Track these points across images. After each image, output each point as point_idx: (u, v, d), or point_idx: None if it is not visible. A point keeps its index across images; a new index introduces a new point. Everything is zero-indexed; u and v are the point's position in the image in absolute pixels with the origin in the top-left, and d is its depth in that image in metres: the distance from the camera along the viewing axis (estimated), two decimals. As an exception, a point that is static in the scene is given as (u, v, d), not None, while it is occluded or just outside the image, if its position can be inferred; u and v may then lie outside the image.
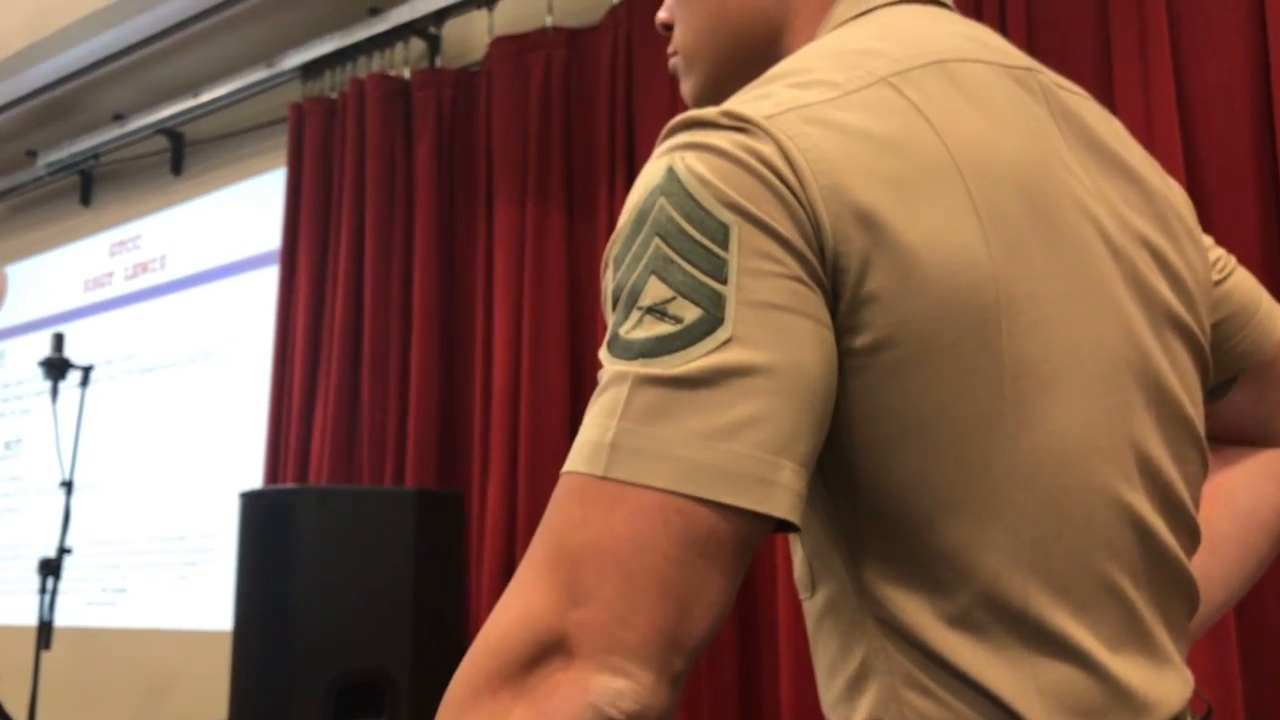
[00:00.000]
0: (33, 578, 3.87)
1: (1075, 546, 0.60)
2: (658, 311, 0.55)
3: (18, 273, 4.71)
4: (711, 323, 0.54)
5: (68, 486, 2.94)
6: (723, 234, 0.55)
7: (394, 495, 2.31)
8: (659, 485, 0.52)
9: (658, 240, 0.56)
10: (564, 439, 2.66)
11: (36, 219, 4.64)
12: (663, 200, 0.57)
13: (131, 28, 3.51)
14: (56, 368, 2.87)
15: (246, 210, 3.76)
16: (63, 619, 3.88)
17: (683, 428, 0.52)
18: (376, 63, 3.30)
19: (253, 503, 2.32)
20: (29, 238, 4.67)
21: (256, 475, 3.38)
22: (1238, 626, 1.79)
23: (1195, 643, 0.88)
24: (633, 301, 0.56)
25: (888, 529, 0.60)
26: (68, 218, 4.48)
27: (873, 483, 0.59)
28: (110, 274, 4.24)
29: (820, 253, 0.57)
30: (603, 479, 0.53)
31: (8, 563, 4.33)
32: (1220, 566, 0.82)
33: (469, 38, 3.20)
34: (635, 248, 0.57)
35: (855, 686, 0.63)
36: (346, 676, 2.22)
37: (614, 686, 0.50)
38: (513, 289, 2.78)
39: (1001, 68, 0.67)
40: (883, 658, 0.61)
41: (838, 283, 0.57)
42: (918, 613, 0.59)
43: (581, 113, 2.83)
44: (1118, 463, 0.62)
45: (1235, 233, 1.91)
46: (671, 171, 0.57)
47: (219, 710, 3.25)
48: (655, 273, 0.55)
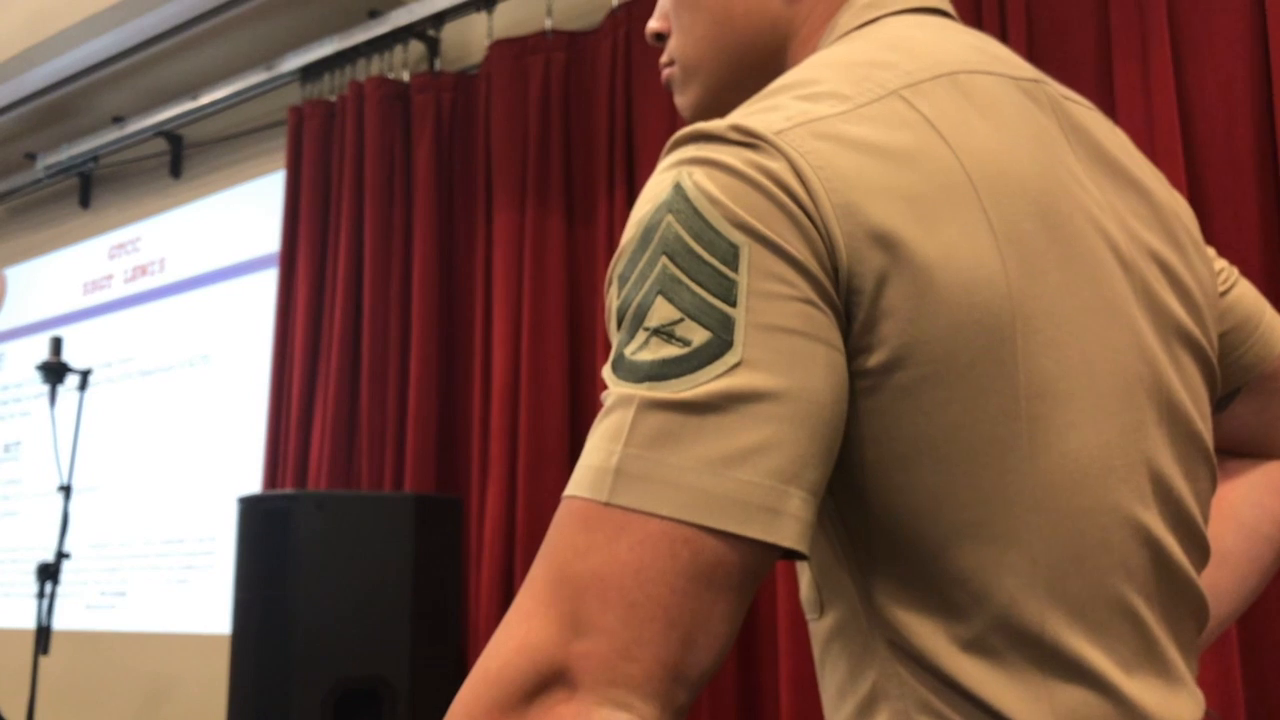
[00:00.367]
0: (32, 581, 3.87)
1: (1091, 568, 0.59)
2: (665, 333, 0.53)
3: (17, 275, 4.70)
4: (720, 346, 0.52)
5: (66, 491, 2.93)
6: (733, 255, 0.54)
7: (392, 500, 2.31)
8: (665, 513, 0.51)
9: (665, 259, 0.55)
10: (563, 444, 2.65)
11: (36, 221, 4.64)
12: (670, 218, 0.55)
13: (131, 30, 3.51)
14: (54, 372, 2.86)
15: (246, 213, 3.76)
16: (62, 622, 3.88)
17: (690, 454, 0.51)
18: (376, 66, 3.29)
19: (251, 508, 2.31)
20: (28, 240, 4.67)
21: (255, 478, 3.38)
22: (1239, 635, 1.78)
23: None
24: (639, 321, 0.55)
25: (900, 552, 0.59)
26: (67, 220, 4.47)
27: (885, 505, 0.58)
28: (109, 276, 4.23)
29: (834, 274, 0.55)
30: (607, 505, 0.51)
31: (7, 566, 4.33)
32: (1226, 581, 0.81)
33: (468, 41, 3.20)
34: (641, 265, 0.56)
35: (865, 711, 0.62)
36: (345, 683, 2.21)
37: None
38: (512, 292, 2.78)
39: (1010, 80, 0.66)
40: (895, 682, 0.60)
41: (852, 303, 0.56)
42: (931, 637, 0.58)
43: (581, 116, 2.82)
44: (1132, 482, 0.61)
45: (1236, 238, 1.90)
46: (679, 188, 0.56)
47: (218, 714, 3.24)
48: (662, 293, 0.54)
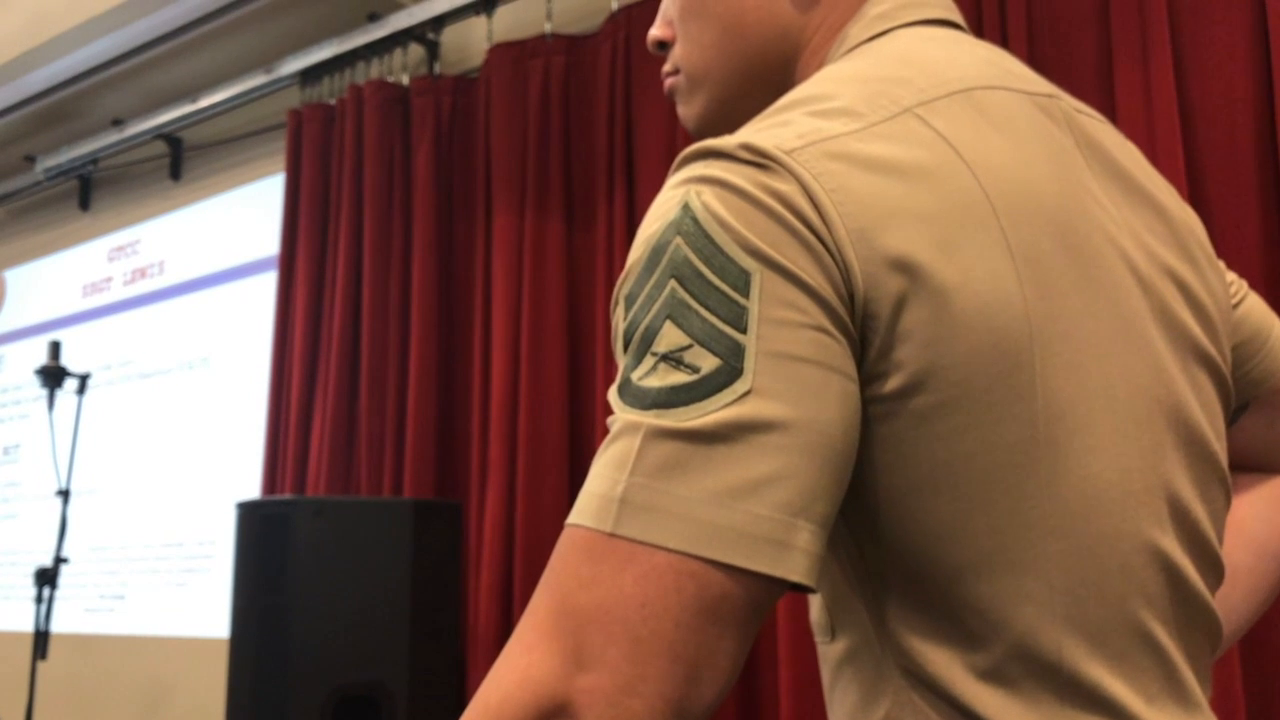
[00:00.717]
0: (31, 584, 3.86)
1: (1110, 595, 0.58)
2: (673, 359, 0.52)
3: (16, 278, 4.70)
4: (730, 374, 0.51)
5: (64, 496, 2.92)
6: (744, 281, 0.52)
7: (391, 506, 2.30)
8: (671, 546, 0.49)
9: (674, 283, 0.53)
10: (563, 448, 2.65)
11: (35, 224, 4.63)
12: (679, 240, 0.54)
13: (130, 33, 3.50)
14: (53, 376, 2.85)
15: (245, 216, 3.75)
16: (61, 625, 3.88)
17: (697, 485, 0.50)
18: (375, 69, 3.29)
19: (249, 513, 2.30)
20: (28, 242, 4.66)
21: (254, 482, 3.37)
22: (1241, 648, 1.77)
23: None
24: (646, 346, 0.54)
25: (915, 579, 0.58)
26: (66, 223, 4.47)
27: (900, 532, 0.57)
28: (109, 279, 4.23)
29: (849, 300, 0.54)
30: (611, 535, 0.50)
31: (6, 569, 4.32)
32: (1235, 597, 0.80)
33: (468, 44, 3.19)
34: (649, 288, 0.54)
35: None
36: (343, 689, 2.21)
37: None
38: (511, 296, 2.77)
39: (1025, 95, 0.65)
40: (910, 710, 0.59)
41: (867, 329, 0.55)
42: (947, 665, 0.57)
43: (580, 120, 2.82)
44: (1151, 506, 0.60)
45: (1237, 243, 1.90)
46: (687, 208, 0.55)
47: (217, 717, 3.24)
48: (671, 318, 0.53)
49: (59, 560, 2.82)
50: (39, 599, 2.81)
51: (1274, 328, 0.82)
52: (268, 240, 3.57)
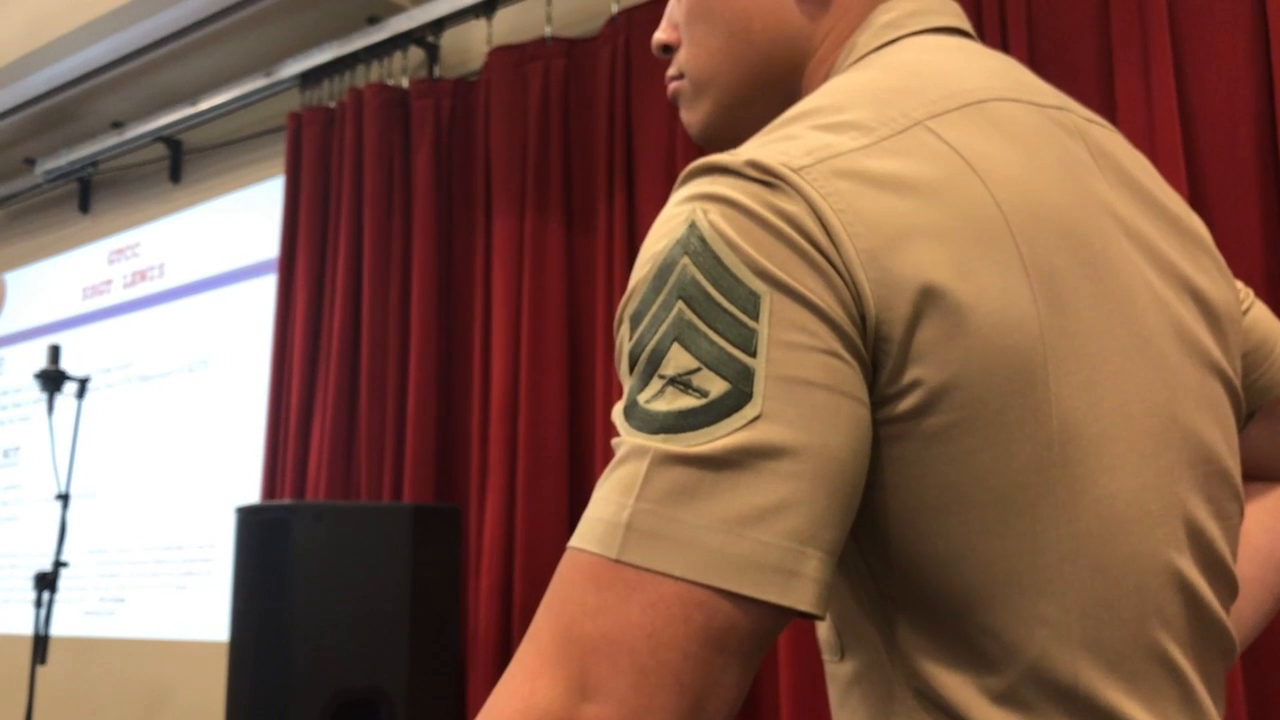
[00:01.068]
0: (30, 587, 3.86)
1: (1127, 617, 0.57)
2: (681, 383, 0.51)
3: (16, 280, 4.70)
4: (739, 398, 0.50)
5: (64, 500, 2.92)
6: (753, 303, 0.51)
7: (391, 511, 2.30)
8: (678, 574, 0.49)
9: (681, 304, 0.52)
10: (562, 452, 2.64)
11: (35, 226, 4.63)
12: (686, 260, 0.53)
13: (130, 36, 3.50)
14: (52, 380, 2.85)
15: (245, 218, 3.75)
16: (60, 629, 3.87)
17: (705, 512, 0.49)
18: (375, 72, 3.28)
19: (248, 518, 2.30)
20: (27, 245, 4.66)
21: (254, 484, 3.37)
22: (1242, 662, 1.77)
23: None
24: (653, 368, 0.53)
25: (927, 601, 0.57)
26: (66, 225, 4.47)
27: (912, 554, 0.56)
28: (109, 282, 4.23)
29: (860, 322, 0.53)
30: (617, 562, 0.49)
31: (6, 571, 4.32)
32: (1242, 608, 0.80)
33: (468, 47, 3.19)
34: (656, 309, 0.53)
35: None
36: (343, 694, 2.20)
37: None
38: (511, 300, 2.77)
39: (1037, 107, 0.64)
40: None
41: (880, 351, 0.54)
42: (960, 688, 0.56)
43: (580, 123, 2.81)
44: (1167, 526, 0.59)
45: (1238, 247, 1.89)
46: (694, 227, 0.53)
47: (216, 722, 3.24)
48: (679, 340, 0.52)
49: (58, 565, 2.81)
50: (38, 603, 2.81)
51: (1279, 338, 0.81)
52: (267, 243, 3.57)
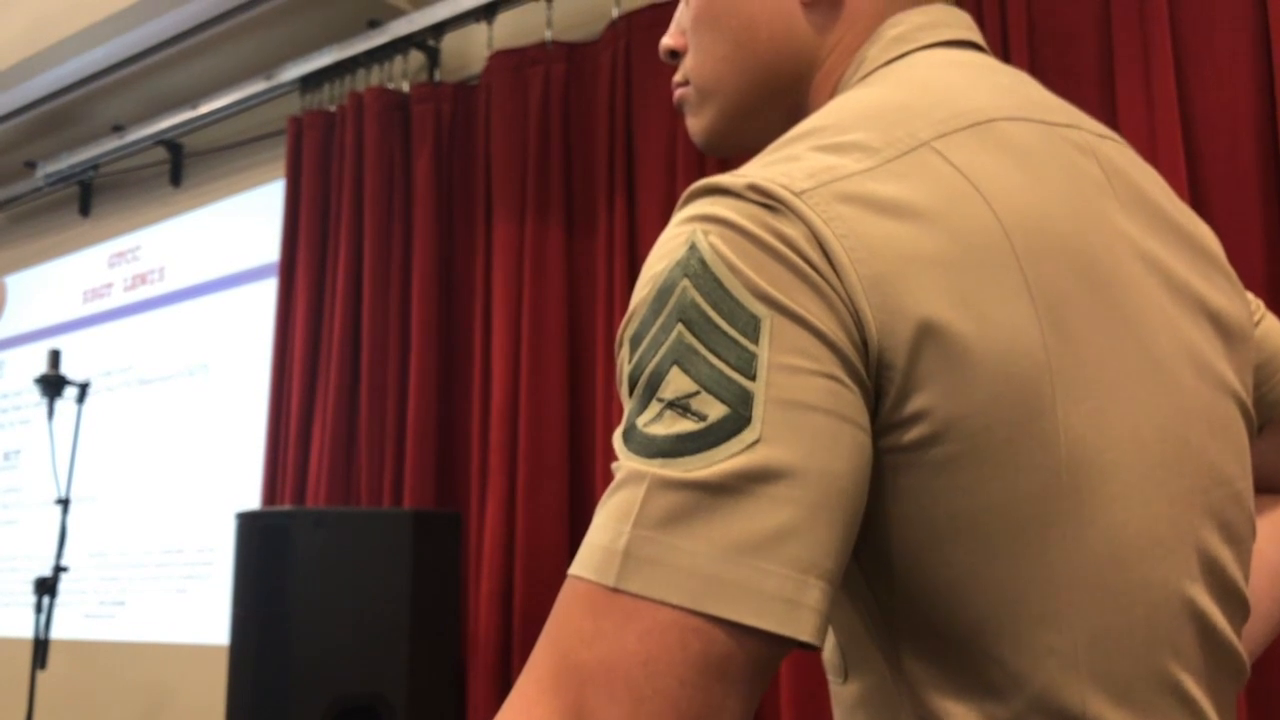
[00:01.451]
0: (31, 590, 3.86)
1: (1137, 647, 0.56)
2: (680, 406, 0.51)
3: (17, 283, 4.70)
4: (738, 422, 0.49)
5: (64, 504, 2.92)
6: (753, 326, 0.51)
7: (390, 517, 2.29)
8: (676, 602, 0.48)
9: (681, 327, 0.52)
10: (563, 458, 2.64)
11: (35, 229, 4.63)
12: (686, 283, 0.52)
13: (131, 39, 3.50)
14: (52, 385, 2.85)
15: (245, 222, 3.75)
16: (60, 632, 3.87)
17: (703, 538, 0.48)
18: (375, 76, 3.28)
19: (248, 524, 2.30)
20: (28, 248, 4.66)
21: (255, 488, 3.37)
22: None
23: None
24: (652, 391, 0.52)
25: (933, 629, 0.56)
26: (67, 228, 4.46)
27: (919, 583, 0.56)
28: (109, 285, 4.23)
29: (862, 348, 0.52)
30: (614, 590, 0.48)
31: (6, 575, 4.32)
32: (1252, 622, 0.79)
33: (468, 51, 3.19)
34: (655, 331, 0.53)
35: None
36: (342, 700, 2.20)
37: None
38: (511, 304, 2.77)
39: (1048, 126, 0.63)
40: None
41: (883, 379, 0.53)
42: (965, 716, 0.56)
43: (581, 127, 2.81)
44: (1180, 554, 0.58)
45: (1240, 252, 1.89)
46: (694, 249, 0.53)
47: (216, 726, 3.24)
48: (678, 363, 0.51)
49: (58, 569, 2.81)
50: (38, 608, 2.81)
51: None
52: (268, 247, 3.57)
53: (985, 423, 0.53)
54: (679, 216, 0.56)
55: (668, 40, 0.77)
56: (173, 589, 3.67)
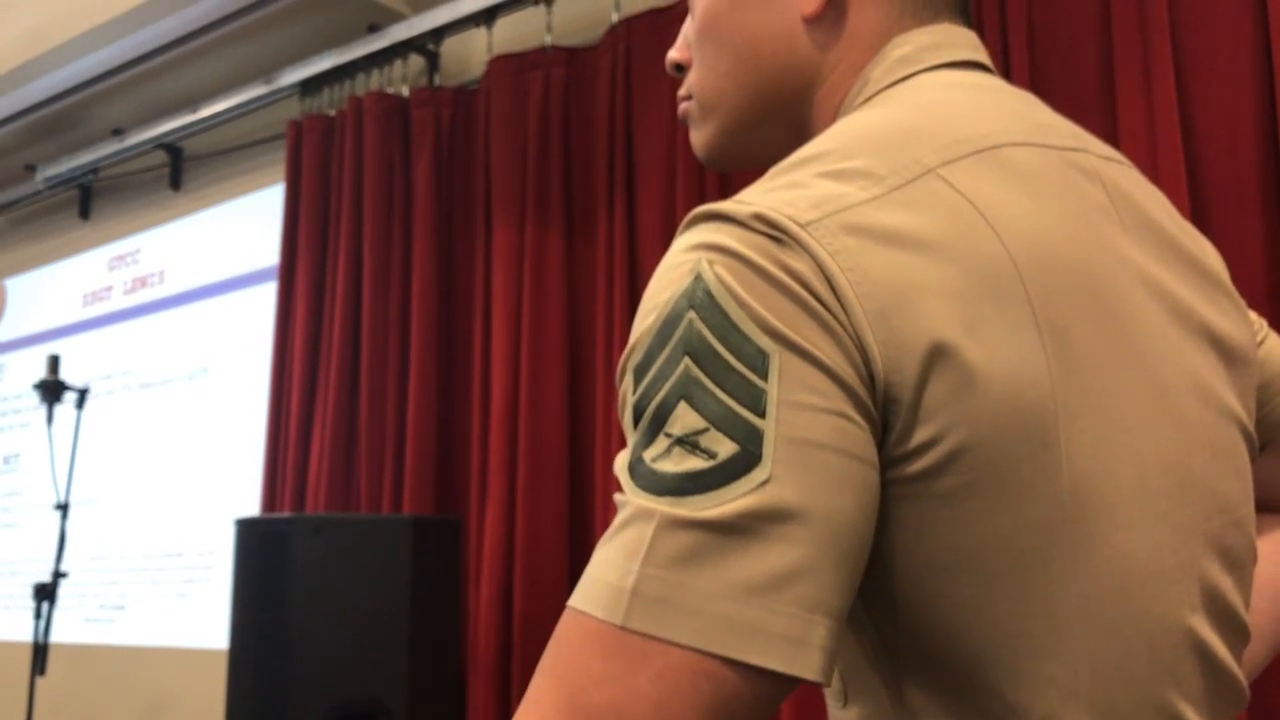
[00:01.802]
0: (31, 595, 3.86)
1: (1137, 678, 0.56)
2: (689, 443, 0.50)
3: (16, 286, 4.70)
4: (748, 460, 0.49)
5: (63, 510, 2.91)
6: (761, 361, 0.50)
7: (390, 523, 2.29)
8: (686, 643, 0.47)
9: (688, 360, 0.51)
10: (563, 463, 2.64)
11: (35, 233, 4.63)
12: (692, 314, 0.52)
13: (130, 43, 3.50)
14: (51, 390, 2.85)
15: (245, 226, 3.75)
16: (60, 635, 3.87)
17: (713, 579, 0.48)
18: (375, 80, 3.28)
19: (248, 531, 2.30)
20: (28, 251, 4.66)
21: (255, 492, 3.36)
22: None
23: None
24: (659, 425, 0.51)
25: (934, 660, 0.56)
26: (67, 232, 4.46)
27: (918, 614, 0.55)
28: (109, 288, 4.23)
29: (870, 383, 0.52)
30: (623, 629, 0.48)
31: (6, 578, 4.32)
32: (1253, 643, 0.79)
33: (468, 55, 3.19)
34: (661, 363, 0.52)
35: None
36: (342, 706, 2.20)
37: None
38: (511, 309, 2.76)
39: (1054, 150, 0.63)
40: None
41: (889, 413, 0.53)
42: None
43: (580, 132, 2.81)
44: (1182, 584, 0.58)
45: (1240, 259, 1.88)
46: (700, 279, 0.52)
47: (216, 731, 3.24)
48: (686, 398, 0.51)
49: (57, 575, 2.81)
50: (38, 614, 2.80)
51: None
52: (267, 251, 3.57)
53: (989, 455, 0.53)
54: (682, 243, 0.56)
55: (674, 54, 0.77)
56: (172, 593, 3.67)
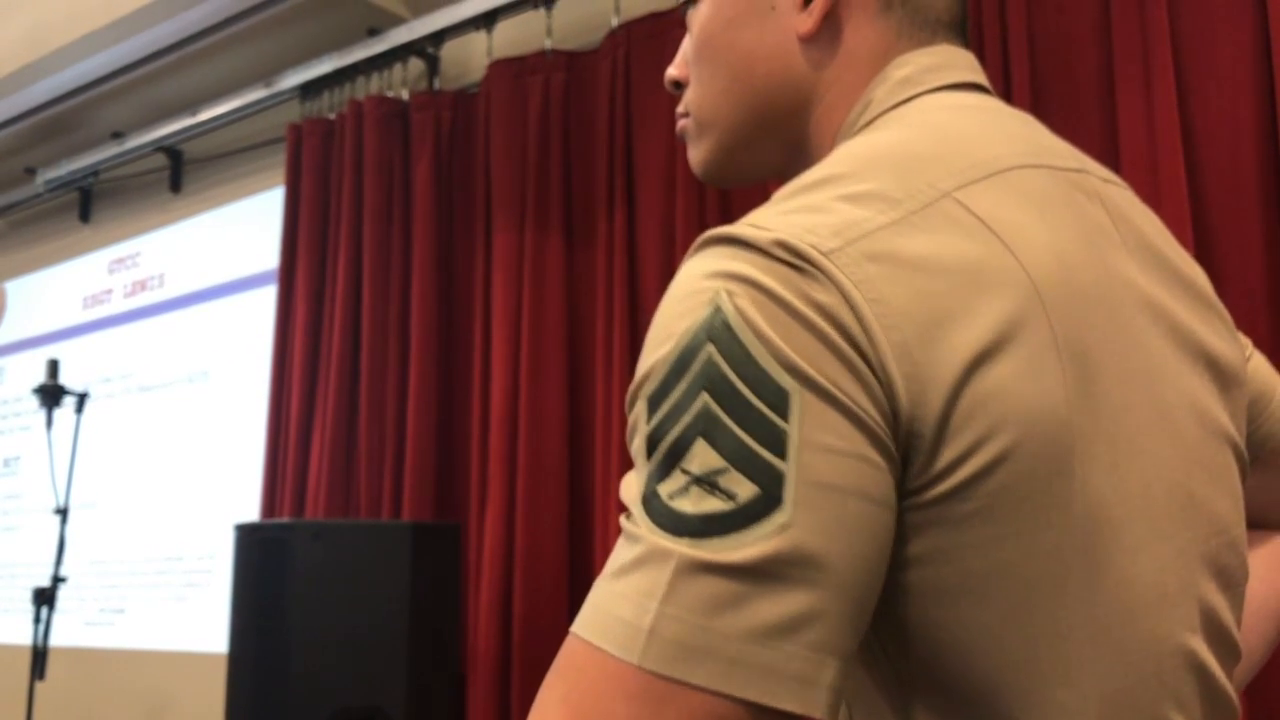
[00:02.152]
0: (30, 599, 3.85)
1: (1144, 702, 0.56)
2: (708, 483, 0.50)
3: (17, 289, 4.70)
4: (768, 503, 0.49)
5: (62, 515, 2.91)
6: (782, 400, 0.50)
7: (390, 529, 2.29)
8: (704, 685, 0.48)
9: (706, 396, 0.50)
10: (563, 468, 2.63)
11: (35, 236, 4.63)
12: (711, 348, 0.51)
13: (131, 46, 3.50)
14: (51, 395, 2.85)
15: (245, 229, 3.75)
16: (60, 639, 3.86)
17: (733, 622, 0.48)
18: (375, 83, 3.28)
19: (247, 536, 2.29)
20: (28, 254, 4.66)
21: (255, 496, 3.36)
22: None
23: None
24: (675, 460, 0.51)
25: (944, 686, 0.56)
26: (67, 235, 4.46)
27: (929, 640, 0.55)
28: (109, 291, 4.23)
29: (892, 420, 0.52)
30: (639, 669, 0.48)
31: (6, 582, 4.31)
32: (1241, 659, 0.80)
33: (468, 59, 3.18)
34: (678, 395, 0.51)
35: None
36: (342, 712, 2.20)
37: None
38: (511, 313, 2.76)
39: (1059, 172, 0.63)
40: None
41: (910, 447, 0.52)
42: None
43: (580, 136, 2.81)
44: (1183, 606, 0.59)
45: (1240, 265, 1.88)
46: (719, 311, 0.51)
47: (216, 735, 3.23)
48: (704, 435, 0.50)
49: (56, 580, 2.81)
50: (37, 619, 2.80)
51: (1277, 389, 0.81)
52: (267, 254, 3.56)
53: (1005, 481, 0.53)
54: (699, 268, 0.55)
55: (672, 71, 0.77)
56: (172, 596, 3.66)
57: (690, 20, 0.75)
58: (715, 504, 0.49)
